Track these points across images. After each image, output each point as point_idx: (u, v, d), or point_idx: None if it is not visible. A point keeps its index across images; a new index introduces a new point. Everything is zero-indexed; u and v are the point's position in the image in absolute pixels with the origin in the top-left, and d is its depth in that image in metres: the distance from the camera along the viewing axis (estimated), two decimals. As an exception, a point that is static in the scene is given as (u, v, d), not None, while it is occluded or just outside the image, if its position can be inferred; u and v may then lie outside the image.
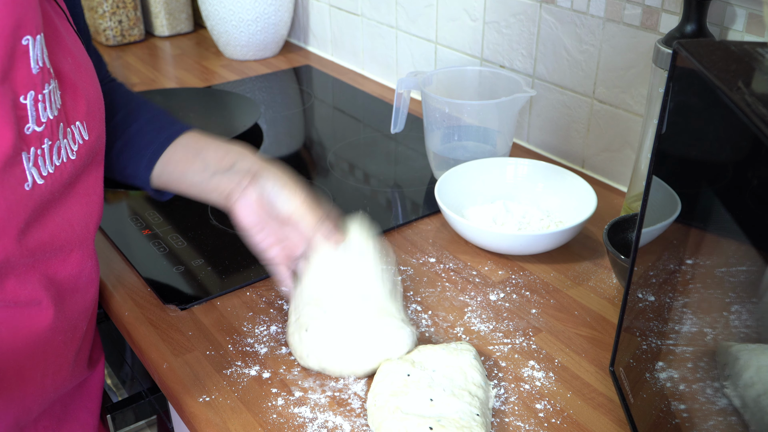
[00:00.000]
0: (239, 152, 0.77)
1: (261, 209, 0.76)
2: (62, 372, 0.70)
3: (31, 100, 0.57)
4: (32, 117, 0.57)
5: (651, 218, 0.60)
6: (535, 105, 1.15)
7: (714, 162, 0.51)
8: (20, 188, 0.56)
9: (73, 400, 0.75)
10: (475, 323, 0.79)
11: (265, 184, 0.75)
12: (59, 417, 0.73)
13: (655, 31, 0.94)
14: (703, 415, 0.52)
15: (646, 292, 0.62)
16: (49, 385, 0.69)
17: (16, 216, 0.57)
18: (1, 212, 0.55)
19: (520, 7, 1.11)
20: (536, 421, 0.67)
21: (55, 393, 0.71)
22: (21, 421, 0.67)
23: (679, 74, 0.54)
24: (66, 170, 0.62)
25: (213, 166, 0.76)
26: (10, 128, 0.54)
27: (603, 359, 0.74)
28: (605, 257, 0.90)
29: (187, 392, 0.71)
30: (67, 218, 0.64)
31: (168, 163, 0.78)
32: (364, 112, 1.35)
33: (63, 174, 0.62)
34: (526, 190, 0.99)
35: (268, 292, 0.84)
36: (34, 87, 0.57)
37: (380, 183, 1.09)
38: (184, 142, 0.78)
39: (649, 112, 0.88)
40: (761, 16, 0.82)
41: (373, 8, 1.42)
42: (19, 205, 0.57)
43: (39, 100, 0.58)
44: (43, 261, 0.63)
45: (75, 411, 0.76)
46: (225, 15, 1.52)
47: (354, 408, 0.68)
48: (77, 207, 0.65)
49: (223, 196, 0.76)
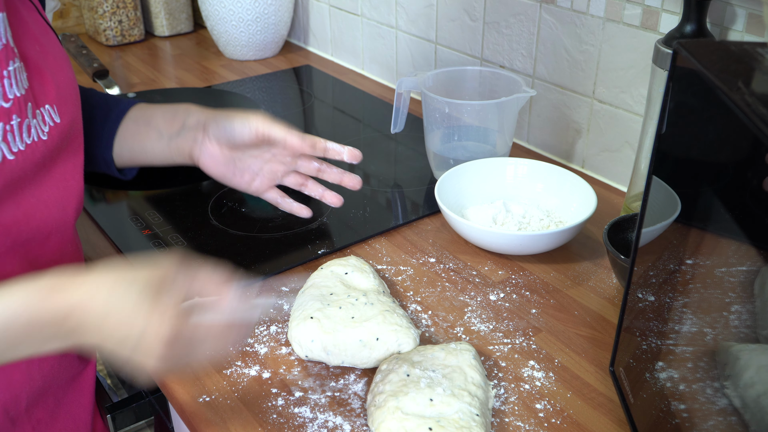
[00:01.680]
0: (185, 110, 0.80)
1: (223, 154, 0.80)
2: (48, 359, 0.70)
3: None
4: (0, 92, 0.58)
5: (651, 218, 0.60)
6: (535, 105, 1.15)
7: (714, 162, 0.51)
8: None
9: (66, 395, 0.75)
10: (475, 323, 0.79)
11: (216, 127, 0.78)
12: (52, 411, 0.73)
13: (655, 31, 0.94)
14: (703, 415, 0.52)
15: (646, 292, 0.62)
16: (36, 372, 0.69)
17: None
18: None
19: (520, 7, 1.11)
20: (536, 421, 0.67)
21: (43, 381, 0.71)
22: (10, 410, 0.67)
23: (679, 74, 0.54)
24: (38, 149, 0.63)
25: (166, 131, 0.79)
26: None
27: (603, 359, 0.74)
28: (605, 257, 0.90)
29: (187, 392, 0.71)
30: (43, 199, 0.64)
31: (125, 140, 0.80)
32: (364, 112, 1.35)
33: (35, 153, 0.62)
34: (526, 190, 0.99)
35: (268, 292, 0.84)
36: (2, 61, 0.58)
37: (380, 183, 1.09)
38: (133, 116, 0.81)
39: (649, 112, 0.88)
40: (761, 16, 0.82)
41: (373, 8, 1.42)
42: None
43: (4, 76, 0.58)
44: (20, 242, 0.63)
45: (68, 406, 0.76)
46: (225, 15, 1.52)
47: (354, 408, 0.68)
48: (53, 190, 0.66)
49: (185, 156, 0.80)
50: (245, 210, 1.01)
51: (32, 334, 0.54)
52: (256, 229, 0.96)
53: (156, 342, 0.55)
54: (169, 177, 1.09)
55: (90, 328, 0.55)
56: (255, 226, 0.97)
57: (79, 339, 0.55)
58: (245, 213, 1.01)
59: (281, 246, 0.93)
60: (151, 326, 0.54)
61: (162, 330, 0.54)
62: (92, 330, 0.55)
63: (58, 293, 0.55)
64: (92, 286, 0.55)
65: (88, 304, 0.54)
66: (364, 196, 1.05)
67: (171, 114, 0.80)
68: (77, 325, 0.54)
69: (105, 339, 0.55)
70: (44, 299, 0.54)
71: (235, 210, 1.01)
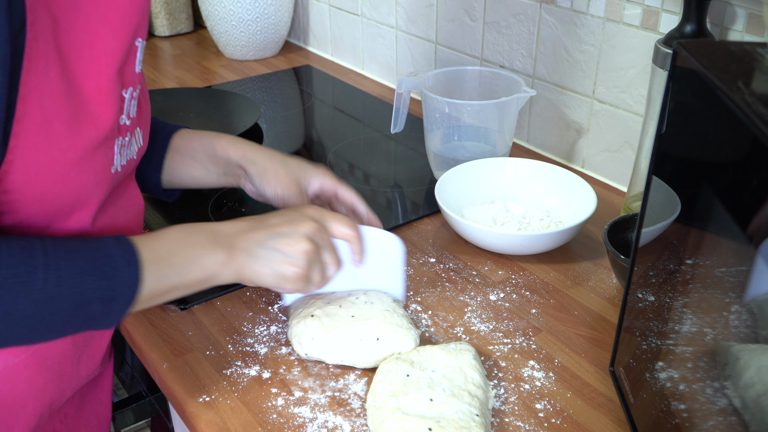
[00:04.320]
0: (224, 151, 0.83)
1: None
2: (95, 358, 0.72)
3: (129, 96, 0.63)
4: (126, 110, 0.63)
5: (651, 218, 0.60)
6: (535, 105, 1.15)
7: (714, 162, 0.51)
8: (108, 169, 0.62)
9: (89, 392, 0.77)
10: (475, 323, 0.79)
11: (251, 181, 0.82)
12: (78, 407, 0.75)
13: (655, 31, 0.94)
14: (703, 415, 0.52)
15: (646, 292, 0.62)
16: (83, 370, 0.71)
17: (98, 193, 0.62)
18: (89, 186, 0.60)
19: (520, 7, 1.11)
20: (536, 421, 0.67)
21: (86, 379, 0.73)
22: (54, 404, 0.69)
23: (679, 74, 0.54)
24: (130, 166, 0.68)
25: (212, 169, 0.84)
26: (114, 114, 0.60)
27: (603, 359, 0.74)
28: (605, 257, 0.90)
29: (187, 392, 0.71)
30: (120, 208, 0.69)
31: (174, 170, 0.84)
32: (364, 112, 1.35)
33: (128, 169, 0.67)
34: (526, 190, 0.99)
35: (268, 292, 0.84)
36: (134, 84, 0.63)
37: (380, 183, 1.09)
38: (177, 148, 0.84)
39: (649, 112, 0.88)
40: (761, 16, 0.82)
41: (373, 8, 1.42)
42: (104, 184, 0.62)
43: (133, 97, 0.64)
44: None
45: (91, 403, 0.77)
46: (225, 15, 1.52)
47: (354, 408, 0.68)
48: (124, 200, 0.70)
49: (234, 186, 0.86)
50: (245, 210, 1.01)
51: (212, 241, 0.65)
52: (256, 229, 0.96)
53: (301, 236, 0.68)
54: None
55: (249, 235, 0.67)
56: (255, 226, 0.97)
57: (240, 253, 0.66)
58: (245, 213, 1.00)
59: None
60: (298, 223, 0.69)
61: (308, 227, 0.69)
62: (251, 236, 0.67)
63: (219, 224, 0.68)
64: (241, 219, 0.70)
65: (244, 221, 0.69)
66: (364, 196, 1.04)
67: (213, 154, 0.83)
68: (240, 234, 0.67)
69: (262, 239, 0.67)
70: (212, 224, 0.67)
71: (235, 210, 1.01)
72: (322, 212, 0.72)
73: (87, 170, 0.59)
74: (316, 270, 0.70)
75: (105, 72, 0.58)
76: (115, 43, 0.58)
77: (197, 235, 0.65)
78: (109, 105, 0.59)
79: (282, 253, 0.67)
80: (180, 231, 0.65)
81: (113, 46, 0.58)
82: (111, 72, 0.59)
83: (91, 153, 0.58)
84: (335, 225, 0.72)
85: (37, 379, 0.65)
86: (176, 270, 0.63)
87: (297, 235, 0.68)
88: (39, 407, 0.66)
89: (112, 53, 0.58)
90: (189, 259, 0.63)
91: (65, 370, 0.68)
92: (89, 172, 0.59)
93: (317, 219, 0.71)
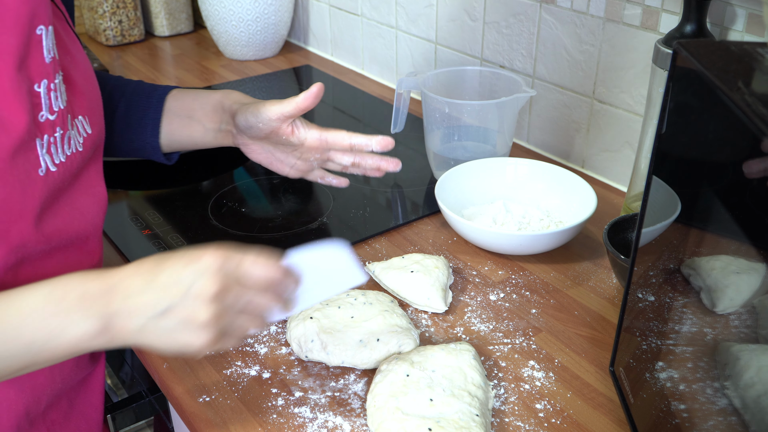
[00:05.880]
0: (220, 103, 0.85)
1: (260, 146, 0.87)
2: (70, 362, 0.71)
3: (44, 89, 0.59)
4: (45, 105, 0.59)
5: (651, 218, 0.60)
6: (535, 105, 1.15)
7: (714, 162, 0.51)
8: (34, 173, 0.58)
9: (78, 396, 0.75)
10: (475, 323, 0.79)
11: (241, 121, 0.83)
12: (66, 412, 0.74)
13: (655, 31, 0.94)
14: (703, 415, 0.52)
15: (646, 292, 0.62)
16: (57, 376, 0.70)
17: (31, 200, 0.59)
18: (17, 195, 0.57)
19: (520, 7, 1.11)
20: (536, 421, 0.67)
21: (63, 384, 0.71)
22: (31, 412, 0.68)
23: (679, 74, 0.54)
24: (75, 160, 0.64)
25: (209, 125, 0.86)
26: (25, 114, 0.56)
27: (603, 359, 0.74)
28: (605, 257, 0.90)
29: (187, 392, 0.71)
30: (78, 207, 0.66)
31: (171, 132, 0.85)
32: (364, 112, 1.35)
33: (73, 164, 0.64)
34: (526, 190, 0.99)
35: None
36: (47, 76, 0.59)
37: (380, 183, 1.09)
38: (173, 109, 0.86)
39: (649, 112, 0.88)
40: (761, 16, 0.82)
41: (373, 8, 1.42)
42: (35, 190, 0.59)
43: (51, 89, 0.60)
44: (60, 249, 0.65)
45: (81, 407, 0.76)
46: (225, 15, 1.52)
47: (354, 408, 0.68)
48: (84, 197, 0.67)
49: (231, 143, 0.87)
50: (245, 210, 1.01)
51: (81, 308, 0.56)
52: (256, 229, 0.96)
53: (201, 302, 0.56)
54: (169, 177, 1.09)
55: (134, 301, 0.56)
56: (255, 226, 0.97)
57: (122, 322, 0.57)
58: (245, 213, 1.01)
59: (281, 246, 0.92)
60: (196, 284, 0.56)
61: (208, 287, 0.56)
62: (135, 301, 0.56)
63: (104, 273, 0.58)
64: (135, 264, 0.59)
65: (131, 277, 0.57)
66: (364, 196, 1.05)
67: (210, 108, 0.86)
68: (122, 298, 0.56)
69: (149, 309, 0.56)
70: (92, 277, 0.58)
71: (235, 210, 1.01)
72: (230, 258, 0.58)
73: (9, 179, 0.56)
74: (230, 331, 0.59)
75: (3, 72, 0.55)
76: (8, 39, 0.55)
77: (64, 300, 0.56)
78: (16, 106, 0.55)
79: (181, 323, 0.56)
80: (42, 291, 0.56)
81: (7, 42, 0.55)
82: (10, 71, 0.55)
83: (8, 161, 0.55)
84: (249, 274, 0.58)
85: (7, 391, 0.64)
86: (26, 348, 0.55)
87: (197, 302, 0.56)
88: (14, 417, 0.66)
89: (6, 51, 0.55)
90: (44, 334, 0.55)
91: (37, 379, 0.67)
92: (12, 180, 0.56)
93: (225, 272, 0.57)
